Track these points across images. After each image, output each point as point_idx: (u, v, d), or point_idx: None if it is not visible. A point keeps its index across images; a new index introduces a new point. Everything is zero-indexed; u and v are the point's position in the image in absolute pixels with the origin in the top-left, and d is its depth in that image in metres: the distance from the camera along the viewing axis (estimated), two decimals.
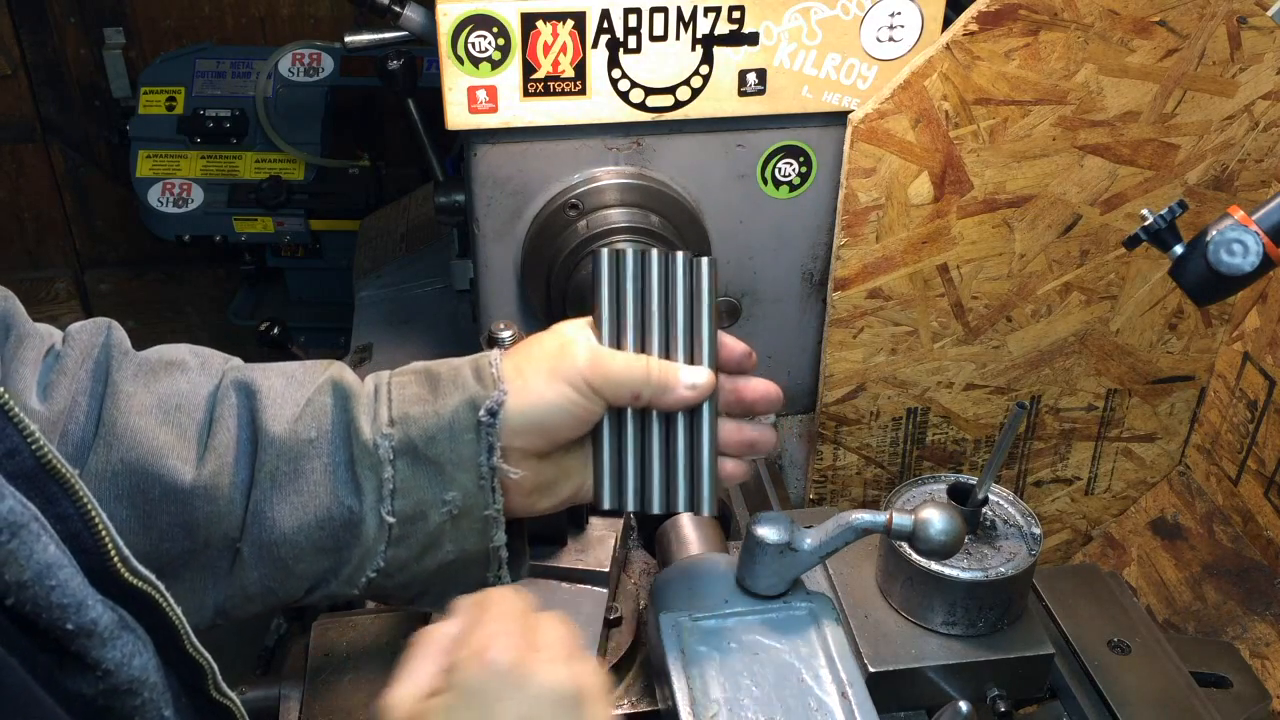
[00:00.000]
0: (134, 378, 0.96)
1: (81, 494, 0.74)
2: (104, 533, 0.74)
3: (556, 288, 1.41)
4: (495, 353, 0.99)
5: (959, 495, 1.25)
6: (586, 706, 0.79)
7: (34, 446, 0.71)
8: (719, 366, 1.02)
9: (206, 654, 0.84)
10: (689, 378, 0.99)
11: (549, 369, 0.96)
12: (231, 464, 0.94)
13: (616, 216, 1.39)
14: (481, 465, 0.94)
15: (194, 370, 0.99)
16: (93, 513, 0.74)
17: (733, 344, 1.03)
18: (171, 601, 0.80)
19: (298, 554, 0.94)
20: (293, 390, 0.97)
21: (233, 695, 0.87)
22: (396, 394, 0.97)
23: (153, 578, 0.78)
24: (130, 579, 0.76)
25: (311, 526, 0.94)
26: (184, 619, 0.81)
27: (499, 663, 0.77)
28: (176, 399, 0.96)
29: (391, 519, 0.95)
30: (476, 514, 0.96)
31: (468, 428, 0.94)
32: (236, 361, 1.04)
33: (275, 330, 2.43)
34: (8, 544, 0.64)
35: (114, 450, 0.92)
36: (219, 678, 0.85)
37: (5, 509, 0.64)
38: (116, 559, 0.75)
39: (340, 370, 1.00)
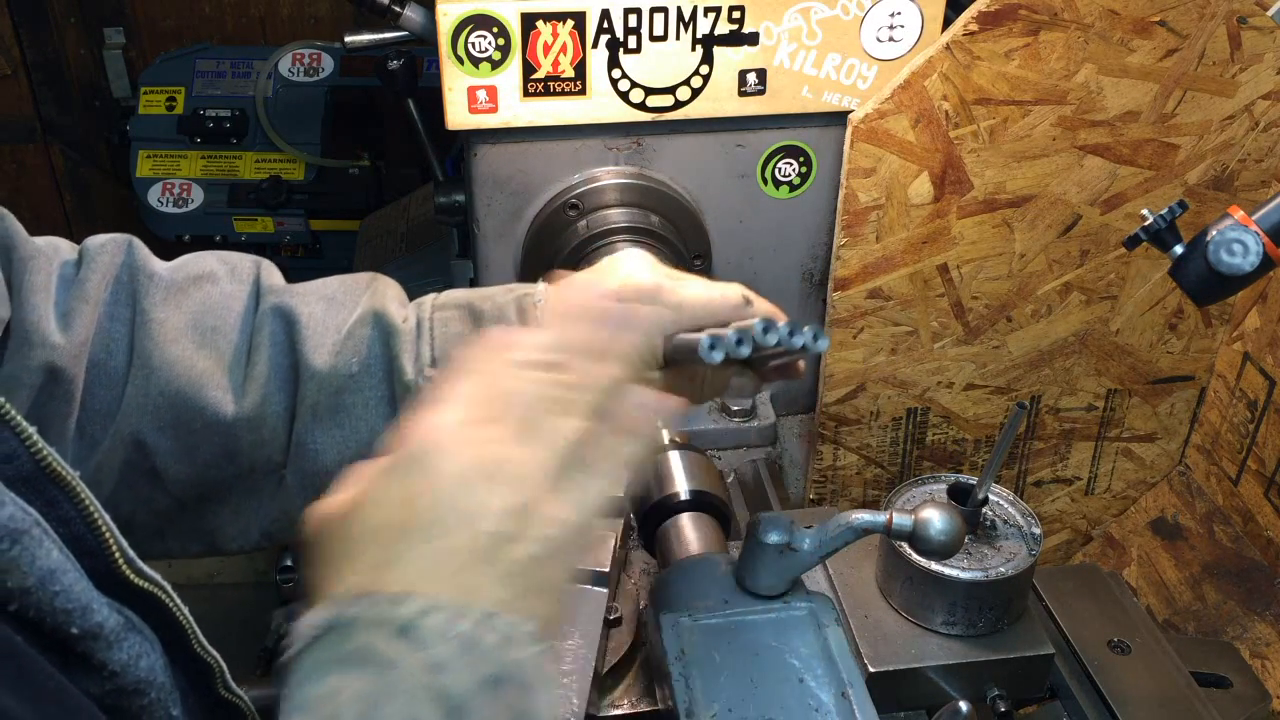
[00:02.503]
0: (164, 302, 0.94)
1: (83, 496, 0.73)
2: (107, 535, 0.73)
3: None
4: (540, 289, 0.95)
5: (959, 495, 1.25)
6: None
7: (32, 449, 0.70)
8: None
9: (215, 653, 0.83)
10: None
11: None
12: (273, 394, 0.93)
13: (616, 216, 1.40)
14: None
15: (224, 279, 0.97)
16: (95, 515, 0.73)
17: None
18: (179, 602, 0.79)
19: None
20: (333, 315, 0.96)
21: (241, 693, 0.86)
22: (439, 331, 0.95)
23: (159, 578, 0.77)
24: (136, 580, 0.75)
25: (354, 461, 0.91)
26: (191, 619, 0.80)
27: (443, 426, 0.70)
28: (211, 318, 0.94)
29: None
30: None
31: None
32: (267, 267, 1.01)
33: None
34: (9, 551, 0.63)
35: (151, 383, 0.91)
36: (228, 676, 0.84)
37: (5, 515, 0.63)
38: (121, 561, 0.74)
39: (381, 297, 0.98)
